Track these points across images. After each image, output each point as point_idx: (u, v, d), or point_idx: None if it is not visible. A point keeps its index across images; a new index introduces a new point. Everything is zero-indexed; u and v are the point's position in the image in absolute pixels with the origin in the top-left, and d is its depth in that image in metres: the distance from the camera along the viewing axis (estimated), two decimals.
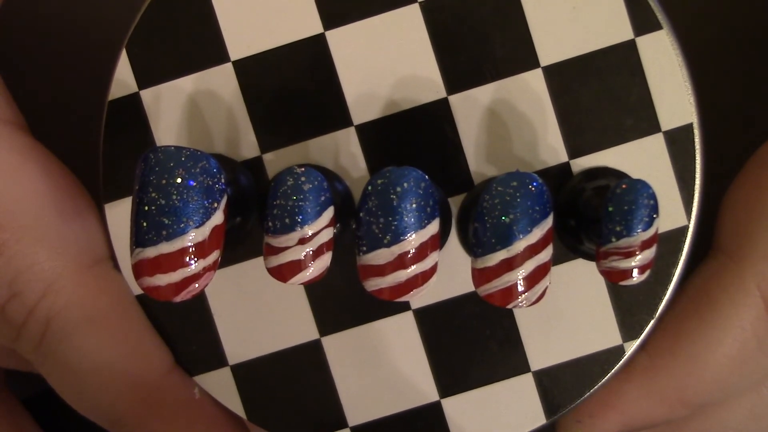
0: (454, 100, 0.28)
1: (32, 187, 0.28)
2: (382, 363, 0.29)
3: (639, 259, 0.24)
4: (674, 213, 0.28)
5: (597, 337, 0.29)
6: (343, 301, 0.29)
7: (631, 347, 0.29)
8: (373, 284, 0.24)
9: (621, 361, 0.29)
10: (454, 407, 0.29)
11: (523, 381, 0.29)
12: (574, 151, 0.28)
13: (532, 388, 0.29)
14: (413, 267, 0.24)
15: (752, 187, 0.28)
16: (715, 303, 0.28)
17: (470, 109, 0.28)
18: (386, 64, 0.28)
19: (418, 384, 0.29)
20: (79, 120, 0.30)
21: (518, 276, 0.24)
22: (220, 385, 0.29)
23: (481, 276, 0.24)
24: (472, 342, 0.29)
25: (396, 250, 0.24)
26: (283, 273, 0.24)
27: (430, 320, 0.29)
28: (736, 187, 0.28)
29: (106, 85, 0.28)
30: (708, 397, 0.28)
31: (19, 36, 0.33)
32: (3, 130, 0.28)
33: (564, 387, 0.29)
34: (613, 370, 0.29)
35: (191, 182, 0.24)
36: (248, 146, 0.28)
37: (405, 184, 0.24)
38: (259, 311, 0.29)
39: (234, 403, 0.29)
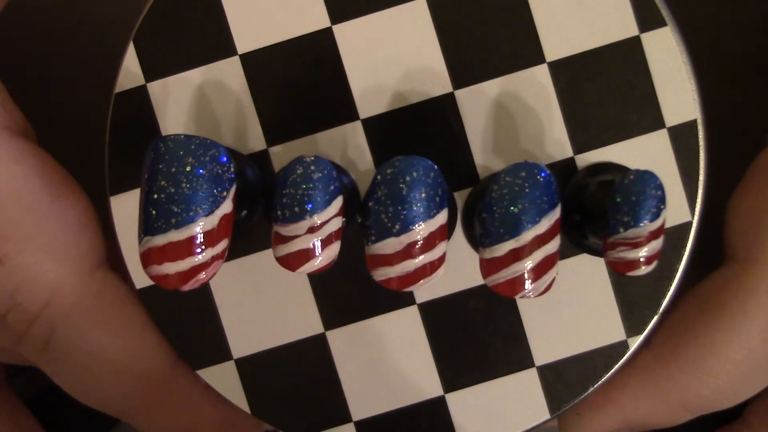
0: (460, 94, 0.28)
1: (34, 196, 0.28)
2: (387, 357, 0.29)
3: (646, 249, 0.24)
4: (678, 209, 0.28)
5: (601, 333, 0.29)
6: (348, 295, 0.29)
7: (635, 343, 0.29)
8: (382, 274, 0.24)
9: (624, 357, 0.29)
10: (458, 402, 0.29)
11: (527, 376, 0.29)
12: (579, 146, 0.28)
13: (536, 382, 0.29)
14: (422, 257, 0.24)
15: (757, 195, 0.28)
16: (724, 310, 0.28)
17: (476, 103, 0.28)
18: (393, 58, 0.28)
19: (422, 379, 0.29)
20: (86, 112, 0.30)
21: (526, 266, 0.24)
22: (224, 379, 0.29)
23: (489, 266, 0.24)
24: (477, 337, 0.29)
25: (405, 239, 0.24)
26: (291, 262, 0.24)
27: (435, 315, 0.29)
28: (742, 194, 0.28)
29: (113, 77, 0.28)
30: (711, 402, 0.28)
31: (25, 30, 0.33)
32: (2, 138, 0.28)
33: (568, 382, 0.29)
34: (616, 366, 0.29)
35: (201, 170, 0.24)
36: (255, 139, 0.28)
37: (414, 174, 0.24)
38: (263, 305, 0.29)
39: (238, 396, 0.29)
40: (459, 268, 0.29)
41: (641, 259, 0.24)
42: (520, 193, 0.24)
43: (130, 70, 0.28)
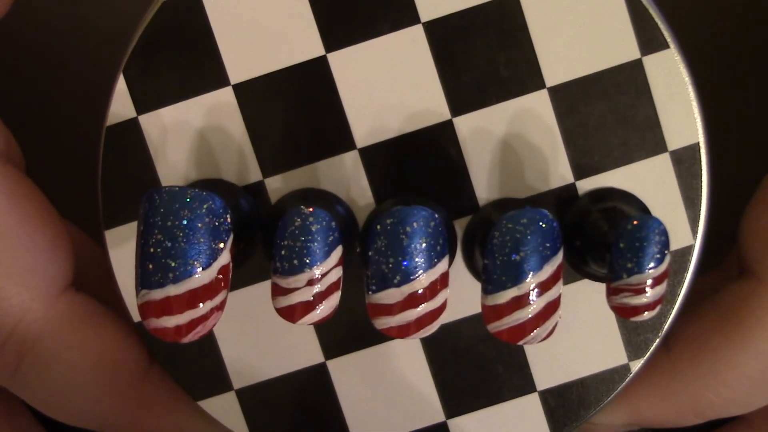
0: (459, 122, 0.28)
1: (2, 219, 0.27)
2: (388, 385, 0.29)
3: (649, 295, 0.24)
4: (680, 232, 0.28)
5: (603, 357, 0.29)
6: (348, 324, 0.29)
7: (637, 366, 0.29)
8: (383, 323, 0.24)
9: (626, 380, 0.29)
10: (460, 428, 0.29)
11: (529, 401, 0.29)
12: (580, 172, 0.28)
13: (538, 407, 0.29)
14: (422, 306, 0.24)
15: None
16: (742, 324, 0.28)
17: (475, 131, 0.28)
18: (389, 85, 0.28)
19: (423, 405, 0.29)
20: (78, 144, 0.30)
21: (529, 313, 0.24)
22: (226, 410, 0.29)
23: (491, 313, 0.24)
24: (478, 362, 0.29)
25: (406, 289, 0.24)
26: (292, 313, 0.24)
27: (436, 342, 0.29)
28: (758, 210, 0.28)
29: (104, 110, 0.28)
30: (722, 411, 0.29)
31: (14, 59, 0.33)
32: None
33: (570, 406, 0.29)
34: (618, 389, 0.29)
35: (197, 223, 0.23)
36: (250, 170, 0.28)
37: (414, 224, 0.23)
38: (263, 335, 0.29)
39: (240, 427, 0.29)
40: (459, 296, 0.28)
41: (644, 305, 0.24)
42: (522, 240, 0.24)
43: (121, 102, 0.28)
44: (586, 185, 0.28)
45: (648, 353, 0.29)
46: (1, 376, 0.28)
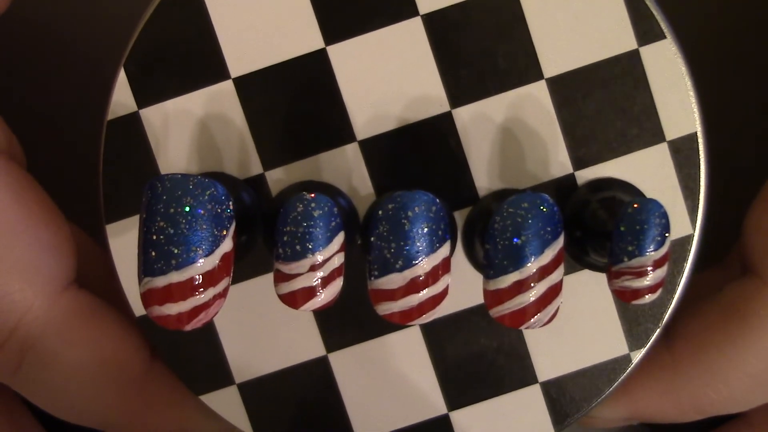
0: (458, 113, 0.28)
1: (5, 216, 0.27)
2: (389, 378, 0.29)
3: (650, 278, 0.24)
4: (679, 221, 0.28)
5: (604, 347, 0.29)
6: (349, 317, 0.29)
7: (638, 356, 0.29)
8: (385, 308, 0.24)
9: (628, 370, 0.29)
10: (462, 419, 0.29)
11: (530, 392, 0.29)
12: (579, 163, 0.28)
13: (540, 398, 0.29)
14: (425, 291, 0.24)
15: None
16: (744, 322, 0.28)
17: (474, 122, 0.28)
18: (389, 78, 0.28)
19: (425, 397, 0.29)
20: (79, 140, 0.30)
21: (531, 297, 0.24)
22: (227, 404, 0.29)
23: (493, 297, 0.24)
24: (479, 354, 0.29)
25: (408, 274, 0.24)
26: (294, 299, 0.24)
27: (437, 334, 0.29)
28: (763, 209, 0.28)
29: (105, 105, 0.28)
30: (722, 408, 0.29)
31: (15, 55, 0.33)
32: None
33: (571, 397, 0.29)
34: (619, 379, 0.29)
35: (200, 210, 0.23)
36: (250, 163, 0.28)
37: (416, 209, 0.23)
38: (264, 329, 0.29)
39: (242, 421, 0.29)
40: (460, 287, 0.28)
41: (646, 288, 0.24)
42: (523, 224, 0.24)
43: (122, 96, 0.28)
44: (584, 175, 0.28)
45: (649, 343, 0.29)
46: (3, 373, 0.28)
